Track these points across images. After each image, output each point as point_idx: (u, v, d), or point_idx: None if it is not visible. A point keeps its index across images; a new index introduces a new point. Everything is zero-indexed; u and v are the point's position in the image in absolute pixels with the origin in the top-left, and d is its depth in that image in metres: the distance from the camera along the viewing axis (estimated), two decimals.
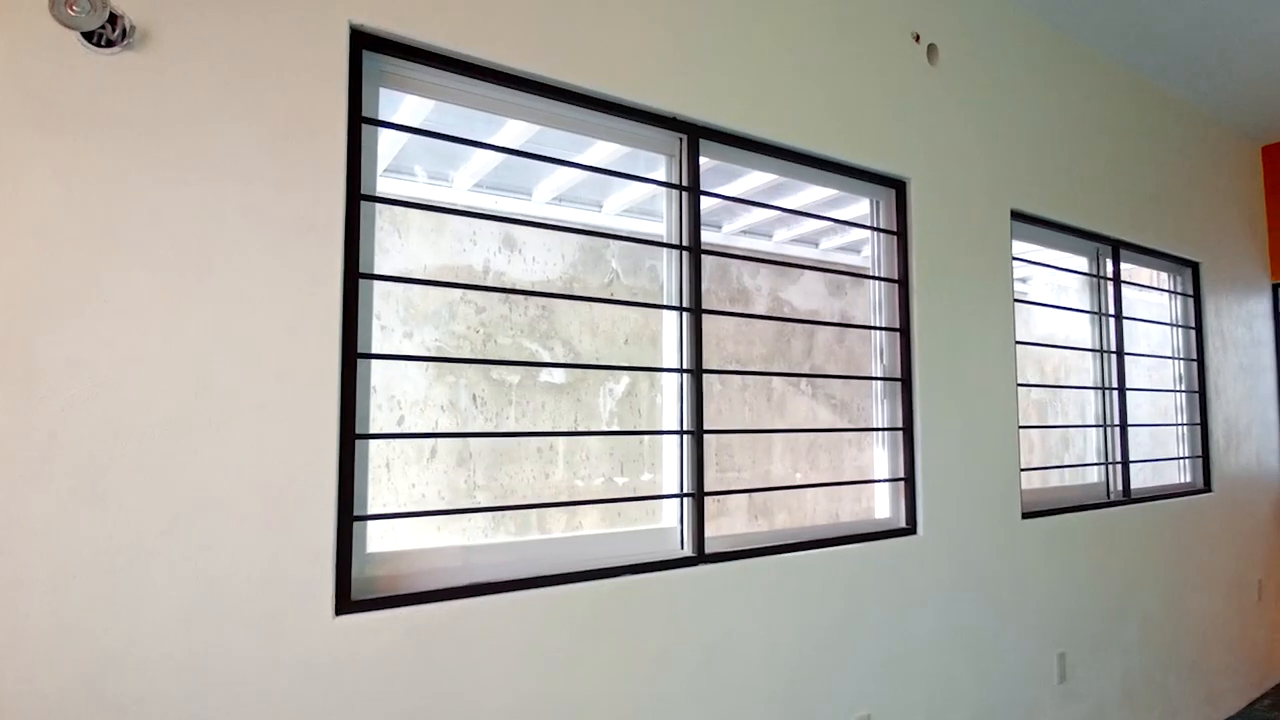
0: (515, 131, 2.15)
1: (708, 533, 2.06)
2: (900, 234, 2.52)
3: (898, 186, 2.52)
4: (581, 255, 2.96)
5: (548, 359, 2.49)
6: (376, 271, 1.64)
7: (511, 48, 1.73)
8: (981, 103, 2.80)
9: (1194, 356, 3.75)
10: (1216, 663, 3.70)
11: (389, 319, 2.40)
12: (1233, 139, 4.24)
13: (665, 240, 2.11)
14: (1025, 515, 2.81)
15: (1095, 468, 3.30)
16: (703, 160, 2.19)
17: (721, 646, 1.97)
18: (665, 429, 2.06)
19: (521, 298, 2.49)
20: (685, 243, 2.08)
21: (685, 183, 2.10)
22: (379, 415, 2.08)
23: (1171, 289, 3.78)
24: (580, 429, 2.46)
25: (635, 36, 1.94)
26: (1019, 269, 3.16)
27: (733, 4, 2.13)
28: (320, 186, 1.47)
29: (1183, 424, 3.73)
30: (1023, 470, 2.84)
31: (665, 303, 2.09)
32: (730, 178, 3.00)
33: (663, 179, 2.12)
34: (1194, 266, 3.79)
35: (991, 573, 2.66)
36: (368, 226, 1.61)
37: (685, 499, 2.02)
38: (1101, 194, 3.28)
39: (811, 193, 2.81)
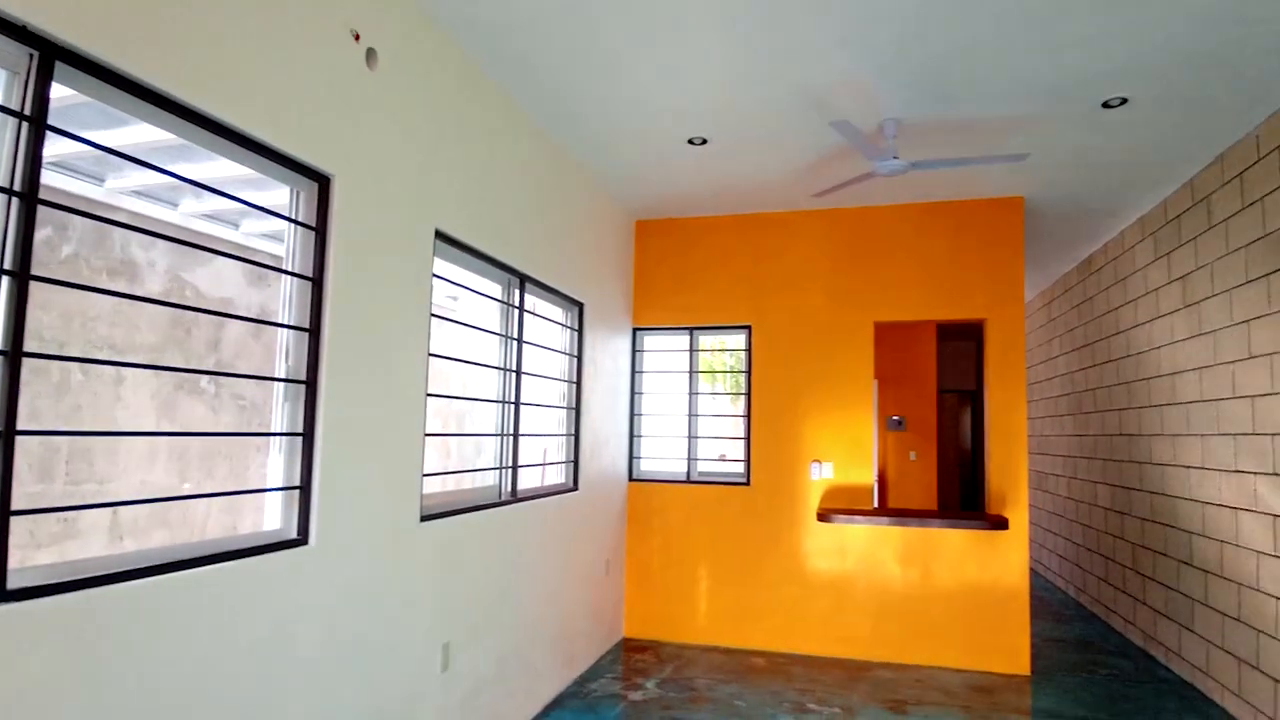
0: None
1: (13, 564, 1.59)
2: (320, 230, 2.41)
3: (321, 181, 2.42)
4: None
5: None
6: None
7: None
8: (418, 122, 2.90)
9: (574, 379, 4.57)
10: (575, 631, 4.51)
11: None
12: (618, 210, 5.35)
13: None
14: (425, 518, 2.96)
15: (494, 471, 3.69)
16: (66, 91, 1.74)
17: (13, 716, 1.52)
18: None
19: None
20: (18, 186, 1.60)
21: (29, 111, 1.62)
22: None
23: (564, 323, 4.54)
24: None
25: None
26: (446, 287, 3.37)
27: None
28: None
29: (563, 434, 4.49)
30: (426, 475, 3.00)
31: None
32: (119, 122, 2.48)
33: None
34: (580, 306, 4.63)
35: (386, 577, 2.72)
36: None
37: None
38: (516, 232, 3.74)
39: (226, 166, 2.50)
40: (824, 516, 5.04)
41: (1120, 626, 5.87)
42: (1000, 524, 4.75)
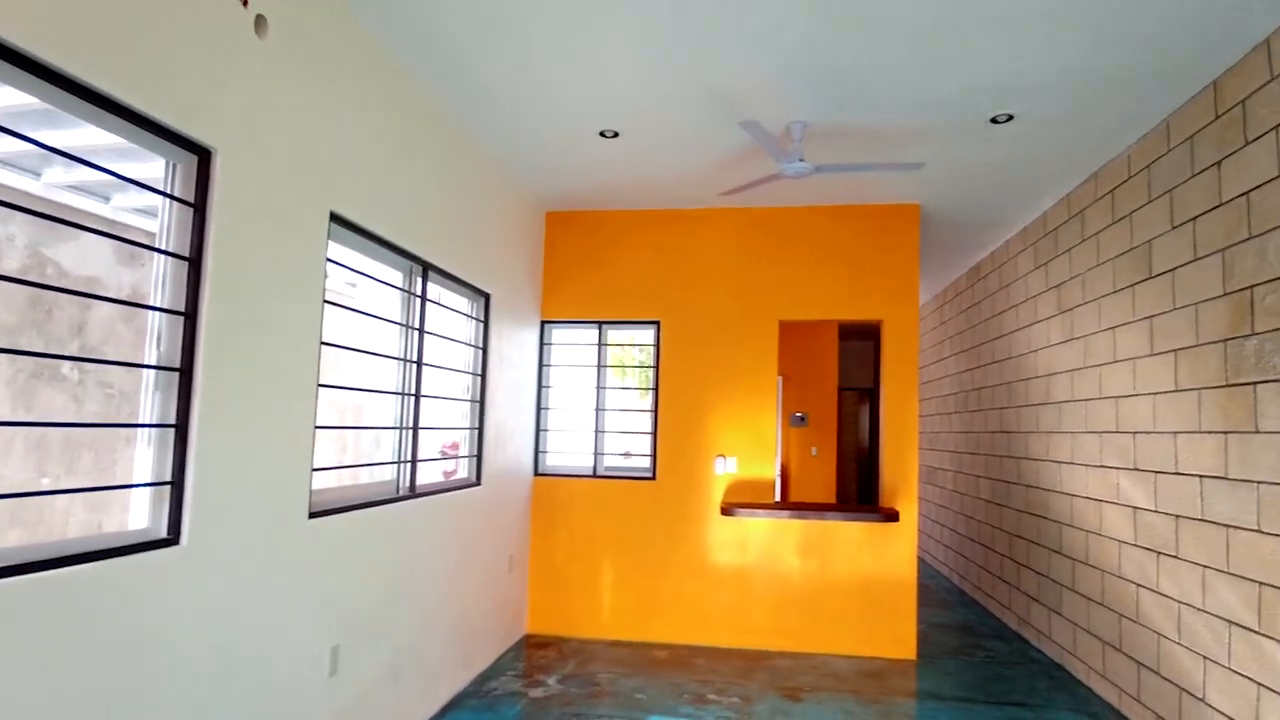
0: None
1: None
2: (200, 208, 2.25)
3: (201, 154, 2.25)
4: None
5: None
6: None
7: None
8: (313, 98, 2.75)
9: (479, 372, 4.47)
10: (475, 629, 4.41)
11: None
12: (528, 201, 5.27)
13: None
14: (314, 515, 2.82)
15: (392, 466, 3.56)
16: None
17: None
18: None
19: None
20: None
21: None
22: None
23: (469, 313, 4.43)
24: None
25: None
26: (345, 273, 3.23)
27: None
28: None
29: (466, 428, 4.38)
30: (317, 470, 2.85)
31: None
32: None
33: None
34: (486, 296, 4.53)
35: (270, 578, 2.57)
36: None
37: None
38: (420, 219, 3.62)
39: (96, 135, 2.29)
40: (727, 510, 5.13)
41: (997, 611, 6.25)
42: (892, 516, 4.96)
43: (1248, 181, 3.18)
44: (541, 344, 5.60)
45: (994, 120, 3.88)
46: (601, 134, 4.19)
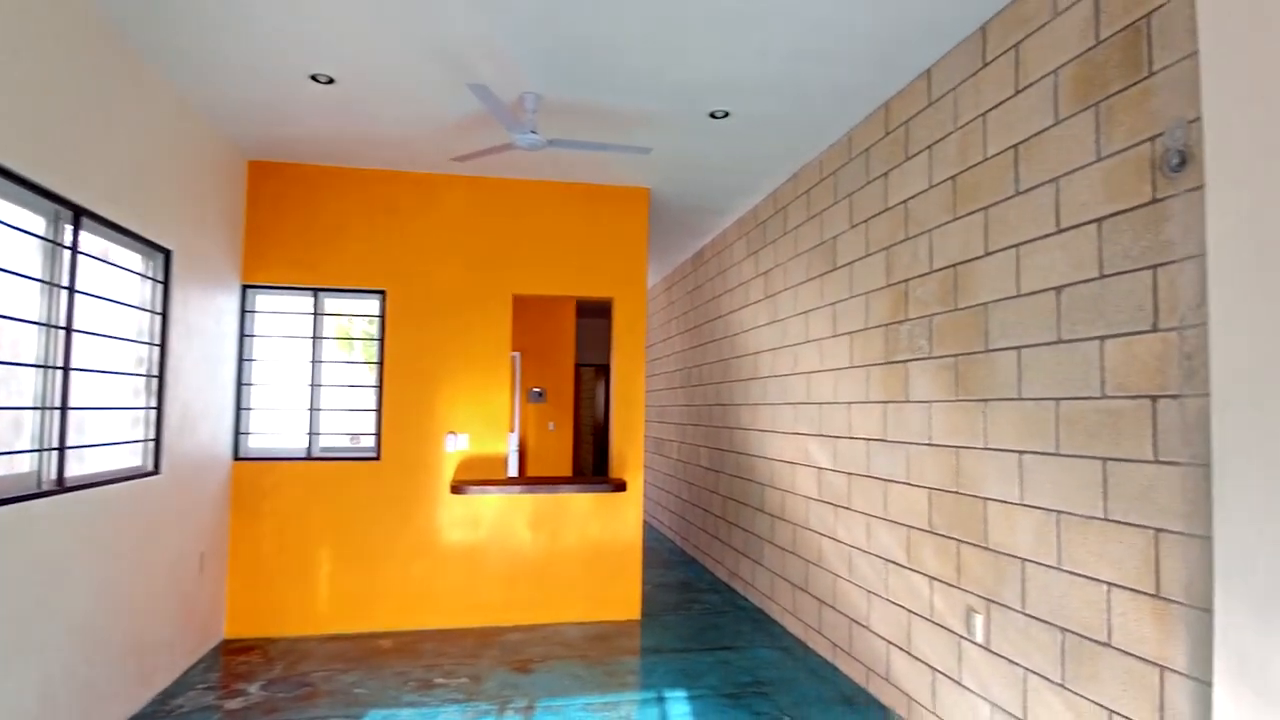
0: None
1: None
2: None
3: None
4: None
5: None
6: None
7: None
8: None
9: (159, 342, 3.81)
10: (155, 640, 3.79)
11: None
12: (224, 146, 4.58)
13: None
14: None
15: (28, 455, 2.89)
16: None
17: None
18: None
19: None
20: None
21: None
22: None
23: (144, 273, 3.74)
24: None
25: None
26: None
27: None
28: None
29: (139, 408, 3.71)
30: None
31: None
32: None
33: None
34: (167, 254, 3.86)
35: None
36: None
37: None
38: (71, 154, 2.95)
39: None
40: (458, 488, 4.98)
41: (712, 567, 6.87)
42: (620, 486, 5.18)
43: (907, 191, 3.75)
44: (243, 311, 4.94)
45: (713, 115, 4.14)
46: (314, 78, 3.75)
